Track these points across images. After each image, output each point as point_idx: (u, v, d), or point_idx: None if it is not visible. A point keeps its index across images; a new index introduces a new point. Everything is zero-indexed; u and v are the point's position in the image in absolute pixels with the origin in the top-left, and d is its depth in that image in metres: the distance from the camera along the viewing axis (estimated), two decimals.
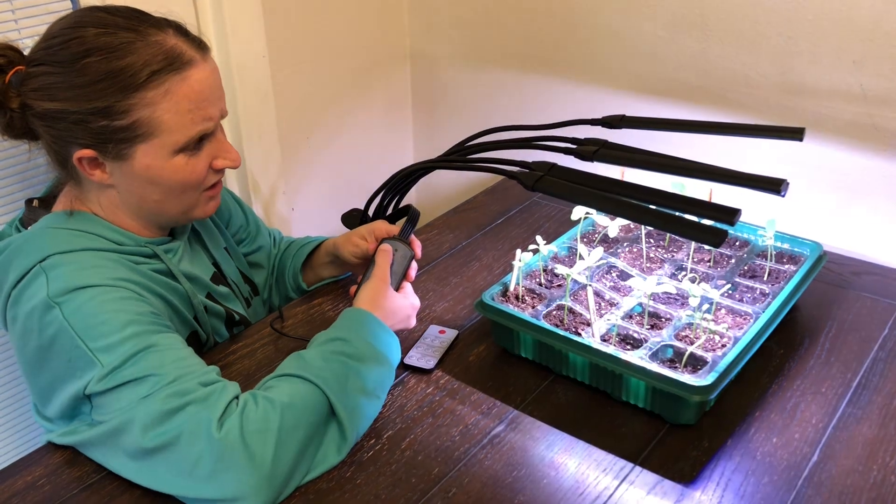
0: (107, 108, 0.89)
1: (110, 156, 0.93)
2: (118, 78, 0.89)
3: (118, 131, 0.91)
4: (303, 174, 1.76)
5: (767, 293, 1.09)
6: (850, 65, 1.26)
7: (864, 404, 0.98)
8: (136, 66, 0.89)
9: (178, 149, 0.94)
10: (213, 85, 0.96)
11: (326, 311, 1.22)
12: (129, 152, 0.93)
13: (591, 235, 1.27)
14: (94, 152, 0.92)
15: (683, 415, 0.94)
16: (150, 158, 0.93)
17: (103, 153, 0.93)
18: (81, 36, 0.90)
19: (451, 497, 0.87)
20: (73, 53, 0.89)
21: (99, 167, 0.94)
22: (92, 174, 0.95)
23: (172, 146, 0.93)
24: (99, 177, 0.95)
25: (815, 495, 0.85)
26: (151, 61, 0.90)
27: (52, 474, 0.92)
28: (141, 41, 0.90)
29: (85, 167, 0.94)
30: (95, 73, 0.89)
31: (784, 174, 0.94)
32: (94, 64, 0.89)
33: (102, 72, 0.89)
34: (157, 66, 0.90)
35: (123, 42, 0.90)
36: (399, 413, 1.00)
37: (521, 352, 1.08)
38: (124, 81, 0.89)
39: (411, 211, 1.19)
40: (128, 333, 0.87)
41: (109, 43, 0.89)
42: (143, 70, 0.89)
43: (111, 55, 0.89)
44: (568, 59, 1.61)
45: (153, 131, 0.92)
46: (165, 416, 0.83)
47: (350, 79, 1.78)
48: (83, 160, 0.93)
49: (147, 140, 0.92)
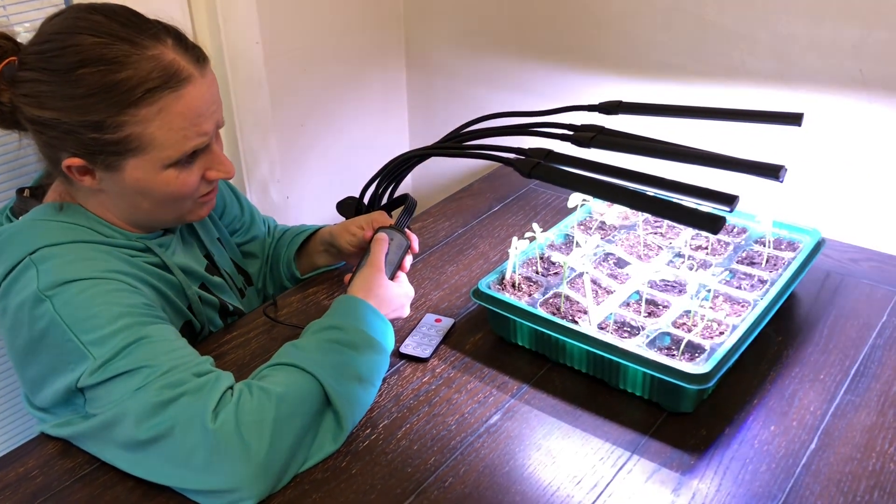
0: (99, 122, 0.87)
1: (100, 166, 0.91)
2: (112, 93, 0.86)
3: (109, 144, 0.89)
4: (297, 162, 1.75)
5: (766, 280, 1.08)
6: (850, 49, 1.25)
7: (862, 391, 0.98)
8: (132, 82, 0.87)
9: (169, 164, 0.92)
10: (210, 100, 0.94)
11: (321, 300, 1.22)
12: (120, 164, 0.91)
13: (589, 223, 1.26)
14: (83, 161, 0.91)
15: (681, 403, 0.94)
16: (140, 172, 0.92)
17: (93, 163, 0.91)
18: (77, 44, 0.86)
19: (447, 486, 0.87)
20: (67, 63, 0.86)
21: (88, 174, 0.93)
22: (81, 180, 0.93)
23: (164, 161, 0.92)
24: (88, 182, 0.94)
25: (814, 483, 0.85)
26: (147, 78, 0.87)
27: (45, 465, 0.91)
28: (137, 55, 0.87)
29: (74, 174, 0.92)
30: (89, 86, 0.86)
31: (782, 160, 0.93)
32: (89, 76, 0.86)
33: (97, 85, 0.86)
34: (153, 83, 0.87)
35: (120, 55, 0.87)
36: (395, 402, 0.99)
37: (517, 340, 1.07)
38: (118, 97, 0.87)
39: (408, 200, 1.18)
40: (119, 325, 0.86)
41: (105, 55, 0.86)
42: (139, 87, 0.87)
43: (107, 68, 0.86)
44: (564, 44, 1.60)
45: (145, 147, 0.90)
46: (159, 408, 0.82)
47: (345, 65, 1.77)
48: (72, 168, 0.92)
49: (138, 155, 0.90)
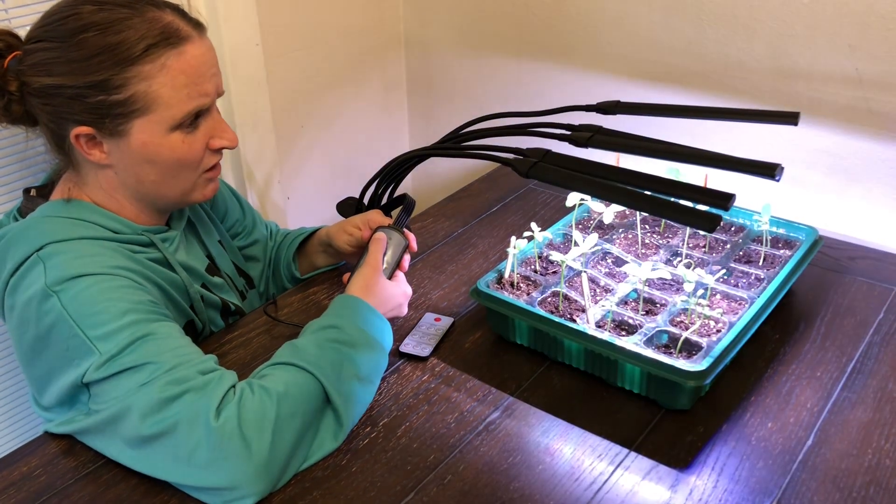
0: (103, 81, 0.90)
1: (107, 132, 0.93)
2: (114, 52, 0.90)
3: (115, 105, 0.91)
4: (298, 162, 1.75)
5: (763, 278, 1.09)
6: (846, 48, 1.26)
7: (858, 388, 0.98)
8: (132, 40, 0.90)
9: (174, 125, 0.94)
10: (210, 62, 0.97)
11: (321, 300, 1.22)
12: (126, 128, 0.93)
13: (587, 222, 1.26)
14: (91, 129, 0.93)
15: (678, 400, 0.94)
16: (146, 135, 0.94)
17: (100, 129, 0.93)
18: (78, 13, 0.91)
19: (446, 484, 0.87)
20: (69, 29, 0.90)
21: (97, 146, 0.95)
22: (90, 153, 0.95)
23: (169, 121, 0.94)
24: (97, 157, 0.95)
25: (810, 479, 0.86)
26: (147, 35, 0.91)
27: (49, 464, 0.92)
28: (138, 17, 0.91)
29: (83, 146, 0.94)
30: (92, 48, 0.90)
31: (779, 159, 0.94)
32: (91, 39, 0.90)
33: (99, 46, 0.90)
34: (153, 39, 0.91)
35: (120, 17, 0.91)
36: (394, 401, 1.00)
37: (516, 339, 1.08)
38: (121, 55, 0.90)
39: (407, 200, 1.19)
40: (126, 321, 0.87)
41: (106, 18, 0.90)
42: (139, 43, 0.90)
43: (107, 30, 0.90)
44: (563, 44, 1.60)
45: (149, 105, 0.92)
46: (163, 404, 0.83)
47: (344, 66, 1.77)
48: (80, 137, 0.93)
49: (143, 115, 0.92)
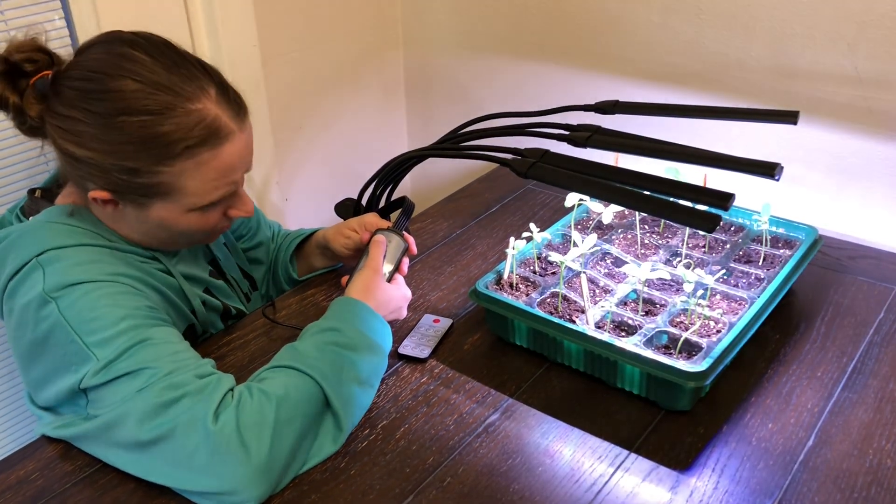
0: (134, 168, 0.89)
1: (126, 200, 0.93)
2: (152, 145, 0.87)
3: (140, 188, 0.91)
4: (296, 164, 1.75)
5: (762, 278, 1.09)
6: (845, 47, 1.25)
7: (859, 388, 0.98)
8: (173, 136, 0.87)
9: (195, 209, 0.94)
10: (244, 154, 0.95)
11: (320, 302, 1.22)
12: (146, 203, 0.93)
13: (586, 222, 1.26)
14: (110, 195, 0.92)
15: (678, 401, 0.94)
16: (165, 212, 0.94)
17: (120, 199, 0.93)
18: (121, 90, 0.86)
19: (445, 486, 0.87)
20: (108, 108, 0.87)
21: (112, 203, 0.94)
22: (104, 207, 0.94)
23: (190, 206, 0.94)
24: (111, 210, 0.95)
25: (811, 480, 0.85)
26: (189, 136, 0.88)
27: (45, 468, 0.92)
28: (182, 108, 0.87)
29: (98, 202, 0.94)
30: (130, 135, 0.87)
31: (779, 158, 0.93)
32: (130, 125, 0.87)
33: (137, 135, 0.87)
34: (194, 141, 0.88)
35: (163, 107, 0.87)
36: (393, 403, 0.99)
37: (515, 340, 1.08)
38: (158, 150, 0.88)
39: (406, 203, 1.19)
40: (123, 327, 0.87)
41: (148, 106, 0.86)
42: (179, 143, 0.88)
43: (149, 119, 0.87)
44: (561, 44, 1.60)
45: (174, 193, 0.92)
46: (161, 409, 0.83)
47: (342, 67, 1.77)
48: (97, 199, 0.93)
49: (166, 199, 0.92)
